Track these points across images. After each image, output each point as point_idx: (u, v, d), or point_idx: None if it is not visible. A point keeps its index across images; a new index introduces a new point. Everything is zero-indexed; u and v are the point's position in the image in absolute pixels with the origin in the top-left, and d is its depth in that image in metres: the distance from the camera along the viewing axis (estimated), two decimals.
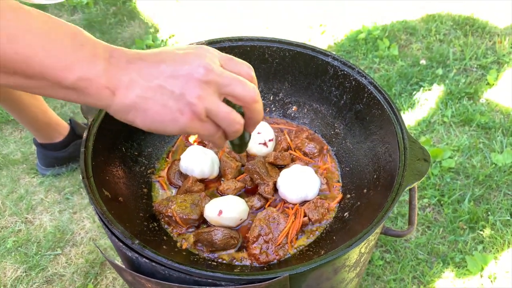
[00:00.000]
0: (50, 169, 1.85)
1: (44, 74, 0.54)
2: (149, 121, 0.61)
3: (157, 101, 0.60)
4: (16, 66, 0.53)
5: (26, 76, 0.54)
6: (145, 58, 0.61)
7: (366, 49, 2.39)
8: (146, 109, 0.60)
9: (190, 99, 0.60)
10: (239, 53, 1.11)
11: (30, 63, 0.53)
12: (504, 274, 1.53)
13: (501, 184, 1.76)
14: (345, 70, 1.04)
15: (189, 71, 0.61)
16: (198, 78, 0.61)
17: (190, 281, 0.72)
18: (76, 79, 0.56)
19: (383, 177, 0.92)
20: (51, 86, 0.56)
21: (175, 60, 0.61)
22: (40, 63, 0.53)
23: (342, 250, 0.72)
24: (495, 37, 2.42)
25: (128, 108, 0.60)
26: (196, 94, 0.61)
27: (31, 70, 0.54)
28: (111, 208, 0.81)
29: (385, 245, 1.61)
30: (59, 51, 0.55)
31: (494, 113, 2.05)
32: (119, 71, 0.59)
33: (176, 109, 0.61)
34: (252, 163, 1.00)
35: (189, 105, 0.61)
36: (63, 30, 0.56)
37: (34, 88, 0.56)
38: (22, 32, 0.52)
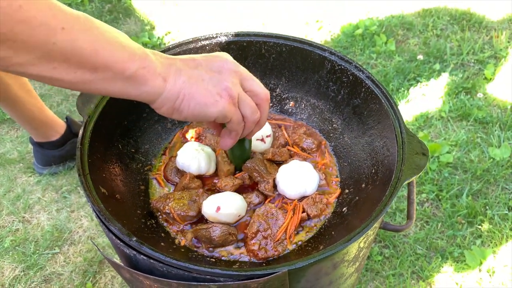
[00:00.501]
0: (47, 168, 1.84)
1: (109, 65, 0.60)
2: (193, 104, 0.69)
3: (200, 86, 0.69)
4: (88, 59, 0.58)
5: (92, 69, 0.60)
6: (179, 56, 0.71)
7: (363, 44, 2.39)
8: (191, 92, 0.69)
9: (226, 83, 0.72)
10: (235, 49, 1.10)
11: (98, 54, 0.59)
12: (502, 268, 1.53)
13: (499, 178, 1.77)
14: (342, 64, 1.03)
15: (221, 63, 0.73)
16: (229, 68, 0.73)
17: (189, 277, 0.72)
18: (137, 68, 0.63)
19: (381, 171, 0.91)
20: (112, 77, 0.62)
21: (206, 56, 0.74)
22: (108, 55, 0.60)
23: (341, 244, 0.72)
24: (492, 32, 2.42)
25: (177, 93, 0.68)
26: (230, 81, 0.72)
27: (99, 62, 0.59)
28: (108, 205, 0.81)
29: (383, 240, 1.61)
30: (121, 46, 0.61)
31: (492, 107, 2.05)
32: (165, 61, 0.68)
33: (216, 92, 0.71)
34: (251, 161, 0.99)
35: (226, 89, 0.72)
36: (117, 31, 0.64)
37: (95, 82, 0.61)
38: (90, 29, 0.58)
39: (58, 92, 2.22)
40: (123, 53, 0.61)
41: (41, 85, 2.25)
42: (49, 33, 0.53)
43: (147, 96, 0.67)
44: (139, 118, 1.05)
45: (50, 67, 0.56)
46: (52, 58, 0.56)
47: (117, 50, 0.61)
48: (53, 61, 0.56)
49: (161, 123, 1.10)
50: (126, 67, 0.62)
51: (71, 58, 0.57)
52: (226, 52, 1.10)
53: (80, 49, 0.57)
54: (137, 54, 0.63)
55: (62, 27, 0.55)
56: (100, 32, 0.59)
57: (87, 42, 0.57)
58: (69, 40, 0.56)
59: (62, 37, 0.55)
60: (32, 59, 0.54)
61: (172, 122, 1.12)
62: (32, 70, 0.56)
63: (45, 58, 0.55)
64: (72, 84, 0.60)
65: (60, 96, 2.20)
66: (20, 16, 0.51)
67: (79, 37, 0.57)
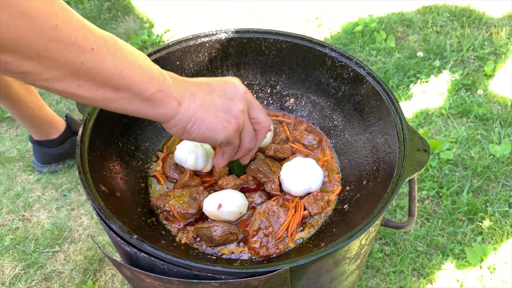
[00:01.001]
0: (46, 166, 1.84)
1: (130, 86, 0.63)
2: (203, 128, 0.73)
3: (211, 112, 0.73)
4: (111, 79, 0.61)
5: (114, 88, 0.62)
6: (194, 79, 0.75)
7: (363, 41, 2.38)
8: (203, 117, 0.72)
9: (235, 111, 0.76)
10: (235, 45, 1.10)
11: (121, 75, 0.61)
12: (503, 265, 1.53)
13: (500, 175, 1.76)
14: (343, 61, 1.03)
15: (233, 91, 0.77)
16: (240, 96, 0.77)
17: (190, 275, 0.71)
18: (155, 90, 0.66)
19: (383, 168, 0.91)
20: (131, 97, 0.65)
21: (219, 81, 0.77)
22: (129, 76, 0.62)
23: (343, 242, 0.72)
24: (492, 28, 2.41)
25: (190, 116, 0.71)
26: (240, 109, 0.76)
27: (121, 83, 0.62)
28: (109, 203, 0.80)
29: (384, 237, 1.61)
30: (141, 68, 0.64)
31: (492, 104, 2.05)
32: (181, 86, 0.71)
33: (225, 119, 0.75)
34: (254, 163, 0.98)
35: (235, 117, 0.76)
36: (138, 52, 0.66)
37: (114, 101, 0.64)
38: (115, 50, 0.61)
39: None
40: (143, 76, 0.64)
41: None
42: (79, 52, 0.56)
43: (162, 117, 0.70)
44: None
45: (75, 84, 0.59)
46: (79, 76, 0.58)
47: (138, 73, 0.63)
48: (79, 79, 0.58)
49: None
50: (145, 88, 0.65)
51: (96, 77, 0.59)
52: (226, 49, 1.10)
53: (105, 70, 0.59)
54: (156, 77, 0.66)
55: (91, 47, 0.57)
56: (124, 54, 0.62)
57: (112, 63, 0.60)
58: (96, 61, 0.58)
59: (90, 57, 0.57)
60: (59, 75, 0.57)
61: None
62: (57, 86, 0.58)
63: (71, 76, 0.57)
64: (93, 101, 0.63)
65: None
66: (55, 35, 0.52)
67: (106, 58, 0.59)
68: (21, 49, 0.51)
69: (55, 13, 0.52)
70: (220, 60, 1.12)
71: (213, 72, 1.13)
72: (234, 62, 1.13)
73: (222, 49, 1.10)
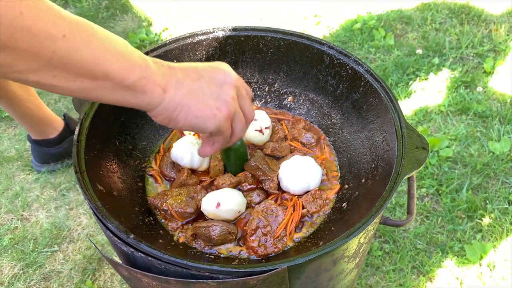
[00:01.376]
0: (45, 165, 1.83)
1: (109, 74, 0.60)
2: (191, 117, 0.70)
3: (199, 99, 0.69)
4: (87, 68, 0.58)
5: (92, 77, 0.59)
6: (181, 66, 0.71)
7: (362, 39, 2.38)
8: (190, 105, 0.69)
9: (226, 98, 0.72)
10: (233, 43, 1.09)
11: (99, 63, 0.58)
12: (503, 262, 1.52)
13: (499, 172, 1.76)
14: (341, 58, 1.02)
15: (223, 77, 0.73)
16: (230, 82, 0.74)
17: (187, 274, 0.71)
18: (137, 78, 0.62)
19: (381, 166, 0.91)
20: (112, 86, 0.61)
21: (208, 67, 0.73)
22: (107, 63, 0.59)
23: (341, 240, 0.71)
24: (491, 25, 2.40)
25: (175, 104, 0.68)
26: (231, 95, 0.73)
27: (99, 72, 0.59)
28: (106, 202, 0.80)
29: (383, 235, 1.60)
30: (121, 55, 0.61)
31: (491, 101, 2.04)
32: (166, 72, 0.67)
33: (215, 107, 0.71)
34: (253, 160, 0.97)
35: (226, 104, 0.72)
36: (117, 38, 0.62)
37: (94, 90, 0.61)
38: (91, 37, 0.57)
39: None
40: (123, 63, 0.61)
41: None
42: (49, 41, 0.52)
43: (146, 105, 0.67)
44: (136, 115, 1.04)
45: (49, 75, 0.56)
46: (52, 66, 0.55)
47: (117, 60, 0.60)
48: (53, 69, 0.55)
49: None
50: (125, 77, 0.61)
51: (71, 66, 0.56)
52: (224, 47, 1.10)
53: (80, 58, 0.56)
54: (138, 64, 0.63)
55: (63, 34, 0.53)
56: (101, 41, 0.58)
57: (87, 51, 0.56)
58: (70, 49, 0.55)
59: (62, 45, 0.54)
60: (31, 67, 0.53)
61: None
62: (31, 78, 0.55)
63: (44, 66, 0.54)
64: (71, 92, 0.60)
65: None
66: (20, 23, 0.49)
67: (80, 45, 0.55)
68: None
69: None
70: (217, 58, 1.11)
71: None
72: (231, 60, 1.12)
73: (219, 47, 1.10)
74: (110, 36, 0.61)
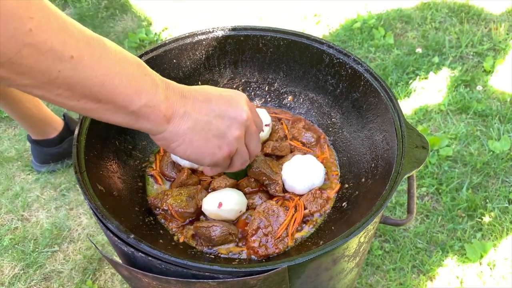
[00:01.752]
0: (45, 165, 1.83)
1: (113, 99, 0.58)
2: (190, 151, 0.69)
3: (202, 135, 0.68)
4: (92, 90, 0.56)
5: (95, 100, 0.57)
6: (195, 94, 0.69)
7: (362, 38, 2.37)
8: (192, 140, 0.68)
9: (230, 138, 0.71)
10: (232, 43, 1.09)
11: (104, 87, 0.56)
12: (503, 261, 1.52)
13: (499, 171, 1.76)
14: (341, 58, 1.02)
15: (234, 114, 0.71)
16: (240, 121, 0.72)
17: (188, 274, 0.71)
18: (142, 105, 0.61)
19: (381, 165, 0.91)
20: (115, 110, 0.60)
21: (222, 100, 0.71)
22: (113, 88, 0.57)
23: (341, 240, 0.71)
24: (490, 24, 2.40)
25: (177, 136, 0.67)
26: (236, 135, 0.72)
27: (103, 95, 0.57)
28: (106, 202, 0.80)
29: (384, 234, 1.60)
30: (129, 79, 0.59)
31: (491, 100, 2.04)
32: (175, 102, 0.65)
33: (217, 145, 0.71)
34: (257, 165, 0.96)
35: (228, 144, 0.72)
36: (130, 59, 0.60)
37: (97, 111, 0.59)
38: (100, 59, 0.55)
39: None
40: (130, 89, 0.59)
41: None
42: (56, 60, 0.51)
43: (148, 131, 0.66)
44: None
45: (53, 92, 0.54)
46: (56, 85, 0.53)
47: (124, 85, 0.58)
48: (57, 88, 0.54)
49: None
50: (130, 103, 0.60)
51: (76, 87, 0.55)
52: (223, 47, 1.10)
53: (86, 80, 0.55)
54: (145, 91, 0.61)
55: (71, 55, 0.52)
56: (110, 63, 0.57)
57: (94, 73, 0.55)
58: (76, 70, 0.53)
59: (68, 66, 0.52)
60: (35, 83, 0.52)
61: None
62: (35, 92, 0.54)
63: (49, 84, 0.53)
64: (74, 110, 0.59)
65: None
66: (28, 40, 0.48)
67: (87, 67, 0.54)
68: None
69: (30, 16, 0.47)
70: (217, 58, 1.11)
71: (210, 70, 1.13)
72: (231, 60, 1.12)
73: (219, 47, 1.10)
74: (122, 56, 0.59)
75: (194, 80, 1.12)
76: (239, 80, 1.16)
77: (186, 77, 1.10)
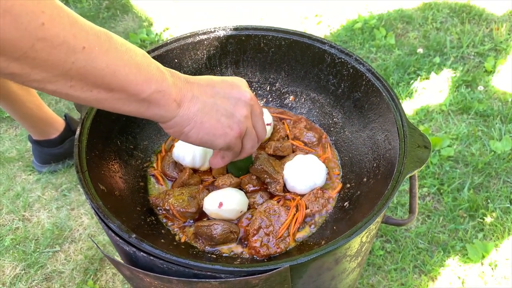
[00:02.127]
0: (46, 166, 1.83)
1: (125, 87, 0.60)
2: (202, 133, 0.71)
3: (212, 116, 0.70)
4: (104, 80, 0.58)
5: (108, 89, 0.60)
6: (198, 80, 0.71)
7: (363, 38, 2.37)
8: (203, 122, 0.70)
9: (239, 117, 0.73)
10: (234, 43, 1.09)
11: (115, 76, 0.59)
12: (504, 262, 1.52)
13: (500, 171, 1.76)
14: (343, 57, 1.02)
15: (238, 94, 0.73)
16: (245, 100, 0.74)
17: (189, 274, 0.71)
18: (153, 91, 0.63)
19: (383, 165, 0.90)
20: (127, 98, 0.62)
21: (225, 84, 0.74)
22: (124, 77, 0.60)
23: (343, 239, 0.71)
24: (492, 24, 2.40)
25: (188, 120, 0.69)
26: (244, 114, 0.73)
27: (115, 83, 0.59)
28: (107, 202, 0.80)
29: (385, 235, 1.60)
30: (138, 67, 0.61)
31: (492, 100, 2.04)
32: (183, 87, 0.68)
33: (227, 125, 0.72)
34: (259, 162, 0.97)
35: (238, 123, 0.73)
36: (136, 50, 0.63)
37: (109, 101, 0.62)
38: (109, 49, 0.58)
39: None
40: (140, 76, 0.61)
41: None
42: (69, 52, 0.53)
43: (159, 118, 0.68)
44: None
45: (67, 85, 0.56)
46: (70, 76, 0.55)
47: (134, 73, 0.61)
48: (71, 79, 0.56)
49: None
50: (141, 90, 0.62)
51: (88, 77, 0.57)
52: (225, 47, 1.10)
53: (98, 70, 0.57)
54: (154, 77, 0.63)
55: (83, 46, 0.54)
56: (119, 52, 0.59)
57: (105, 63, 0.57)
58: (88, 60, 0.55)
59: (81, 57, 0.54)
60: (49, 76, 0.54)
61: None
62: (49, 87, 0.56)
63: (62, 77, 0.55)
64: (86, 101, 0.60)
65: None
66: (41, 34, 0.50)
67: (98, 57, 0.56)
68: (6, 49, 0.48)
69: (41, 10, 0.49)
70: (218, 57, 1.11)
71: (212, 70, 1.13)
72: (233, 60, 1.12)
73: (220, 47, 1.10)
74: (128, 47, 0.61)
75: None
76: None
77: None
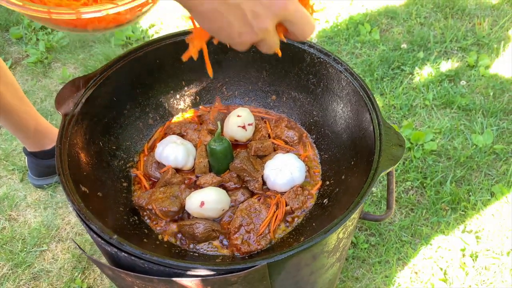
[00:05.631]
0: (42, 179, 1.78)
1: None
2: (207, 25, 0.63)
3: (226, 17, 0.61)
4: None
5: None
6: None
7: (348, 34, 2.39)
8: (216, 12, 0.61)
9: (256, 29, 0.63)
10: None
11: None
12: (485, 253, 1.56)
13: (482, 164, 1.79)
14: (321, 57, 1.04)
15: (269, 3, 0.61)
16: (274, 11, 0.62)
17: (170, 273, 0.72)
18: None
19: (360, 163, 0.93)
20: None
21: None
22: None
23: (319, 236, 0.73)
24: (474, 19, 2.43)
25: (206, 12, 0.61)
26: (264, 27, 0.63)
27: None
28: (90, 203, 0.81)
29: (369, 228, 1.63)
30: None
31: (475, 94, 2.07)
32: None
33: (237, 31, 0.63)
34: (239, 160, 0.99)
35: (251, 34, 0.63)
36: None
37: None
38: None
39: (41, 88, 2.20)
40: None
41: (24, 82, 2.23)
42: None
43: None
44: (119, 115, 1.05)
45: None
46: None
47: None
48: None
49: (142, 119, 1.10)
50: None
51: None
52: (206, 47, 1.10)
53: None
54: None
55: None
56: None
57: None
58: None
59: None
60: None
61: (153, 118, 1.12)
62: None
63: None
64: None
65: (44, 92, 2.18)
66: None
67: None
68: None
69: None
70: (200, 58, 1.12)
71: (194, 70, 1.14)
72: (214, 60, 1.13)
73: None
74: None
75: (178, 80, 1.13)
76: (223, 79, 1.17)
77: (170, 77, 1.11)
